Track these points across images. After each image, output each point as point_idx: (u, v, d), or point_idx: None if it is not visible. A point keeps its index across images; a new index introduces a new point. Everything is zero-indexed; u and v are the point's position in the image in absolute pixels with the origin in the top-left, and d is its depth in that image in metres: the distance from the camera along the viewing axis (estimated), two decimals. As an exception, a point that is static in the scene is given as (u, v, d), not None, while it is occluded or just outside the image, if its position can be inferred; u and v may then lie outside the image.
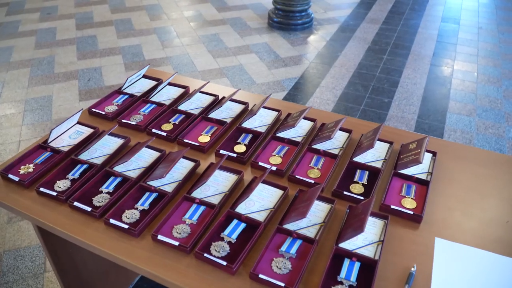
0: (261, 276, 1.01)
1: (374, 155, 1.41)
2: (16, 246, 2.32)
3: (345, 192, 1.25)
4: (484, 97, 3.63)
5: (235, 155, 1.40)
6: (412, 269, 1.05)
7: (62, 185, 1.29)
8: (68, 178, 1.32)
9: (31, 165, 1.37)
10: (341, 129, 1.54)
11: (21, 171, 1.35)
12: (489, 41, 4.62)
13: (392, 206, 1.20)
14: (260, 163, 1.36)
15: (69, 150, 1.42)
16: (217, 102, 1.69)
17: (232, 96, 1.63)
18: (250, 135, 1.50)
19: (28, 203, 1.25)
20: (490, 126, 3.27)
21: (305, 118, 1.59)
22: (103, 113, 1.61)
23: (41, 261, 2.23)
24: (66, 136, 1.50)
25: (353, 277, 1.02)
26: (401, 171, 1.33)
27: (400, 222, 1.19)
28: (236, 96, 1.74)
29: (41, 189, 1.26)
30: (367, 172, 1.34)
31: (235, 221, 1.16)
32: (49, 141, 1.46)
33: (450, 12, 5.47)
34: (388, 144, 1.46)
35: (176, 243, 1.09)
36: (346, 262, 1.06)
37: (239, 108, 1.66)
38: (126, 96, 1.72)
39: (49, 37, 4.69)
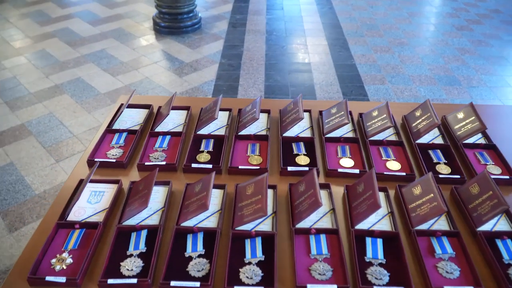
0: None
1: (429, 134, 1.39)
2: None
3: (440, 176, 1.20)
4: (386, 65, 3.99)
5: (302, 168, 1.22)
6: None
7: (131, 266, 0.95)
8: (133, 255, 0.98)
9: (65, 255, 0.98)
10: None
11: (56, 267, 0.95)
12: (365, 16, 5.10)
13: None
14: (339, 170, 1.22)
15: (105, 218, 1.06)
16: (239, 117, 1.46)
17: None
18: (302, 143, 1.34)
19: (98, 306, 0.89)
20: (404, 89, 3.61)
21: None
22: (113, 160, 1.25)
23: None
24: (83, 203, 1.12)
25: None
26: (465, 142, 1.33)
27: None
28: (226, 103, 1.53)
29: (110, 281, 0.91)
30: (439, 150, 1.31)
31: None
32: (66, 217, 1.07)
33: (318, -5, 5.87)
34: (432, 119, 1.46)
35: None
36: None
37: (265, 117, 1.47)
38: (124, 134, 1.37)
39: None
